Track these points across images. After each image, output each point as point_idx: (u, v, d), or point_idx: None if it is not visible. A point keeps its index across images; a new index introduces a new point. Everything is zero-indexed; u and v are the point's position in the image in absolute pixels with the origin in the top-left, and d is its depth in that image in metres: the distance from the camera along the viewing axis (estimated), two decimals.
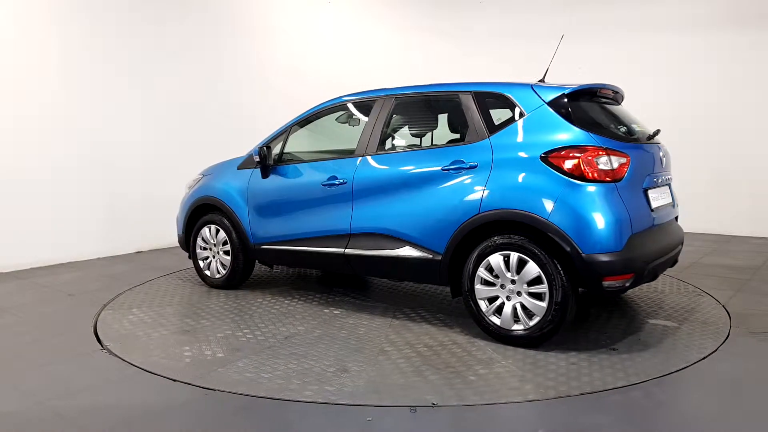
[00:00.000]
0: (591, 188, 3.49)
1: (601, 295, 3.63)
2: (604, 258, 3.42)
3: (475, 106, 3.98)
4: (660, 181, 4.08)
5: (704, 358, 3.51)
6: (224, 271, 5.15)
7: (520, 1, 9.70)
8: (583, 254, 3.42)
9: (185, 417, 2.88)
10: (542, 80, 4.32)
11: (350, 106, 4.80)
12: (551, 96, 3.77)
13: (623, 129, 4.04)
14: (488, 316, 3.76)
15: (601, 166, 3.52)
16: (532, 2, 9.58)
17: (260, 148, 4.77)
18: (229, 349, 3.71)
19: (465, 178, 3.84)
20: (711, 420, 2.82)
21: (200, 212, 5.32)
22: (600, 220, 3.44)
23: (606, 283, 3.47)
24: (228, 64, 7.83)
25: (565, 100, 3.75)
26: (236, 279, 5.14)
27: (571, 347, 3.68)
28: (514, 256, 3.63)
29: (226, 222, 5.06)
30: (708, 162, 8.14)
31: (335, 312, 4.51)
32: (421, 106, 4.58)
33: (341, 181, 4.37)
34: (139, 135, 6.95)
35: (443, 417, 2.83)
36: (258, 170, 4.88)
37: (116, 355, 3.65)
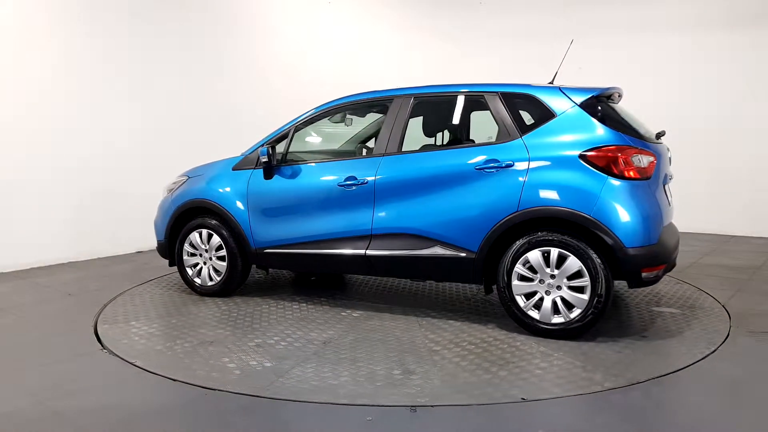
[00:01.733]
0: (628, 185, 3.69)
1: (637, 286, 3.82)
2: (643, 250, 3.65)
3: (503, 107, 4.06)
4: (669, 179, 4.27)
5: (704, 358, 3.51)
6: (218, 278, 4.87)
7: (520, 2, 9.70)
8: (625, 247, 3.62)
9: (185, 417, 2.88)
10: (551, 82, 4.42)
11: (360, 105, 4.73)
12: (581, 98, 3.93)
13: (642, 129, 4.15)
14: (526, 311, 3.86)
15: (635, 165, 3.73)
16: (532, 2, 9.57)
17: (269, 148, 4.52)
18: (273, 358, 3.54)
19: (501, 177, 3.90)
20: (711, 420, 2.82)
21: (186, 216, 5.00)
22: (639, 215, 3.67)
23: (644, 275, 3.69)
24: (228, 64, 7.83)
25: (594, 101, 3.94)
26: (233, 285, 4.89)
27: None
28: (554, 252, 3.75)
29: (220, 226, 4.79)
30: (708, 162, 8.13)
31: (354, 315, 4.44)
32: (443, 105, 4.62)
33: (361, 181, 4.27)
34: (139, 135, 6.94)
35: (443, 417, 2.83)
36: (258, 171, 4.67)
37: (116, 355, 3.65)
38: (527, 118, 4.08)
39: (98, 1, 6.52)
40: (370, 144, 5.29)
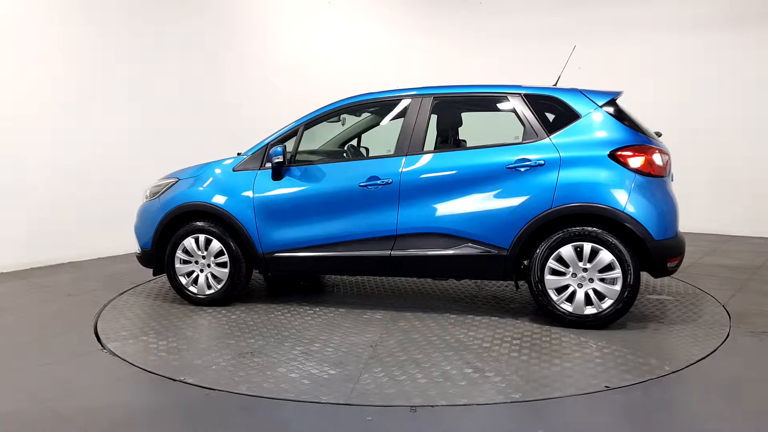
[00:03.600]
0: (653, 182, 3.96)
1: (661, 275, 4.07)
2: (669, 242, 3.95)
3: (528, 108, 4.19)
4: (672, 178, 4.36)
5: (704, 358, 3.51)
6: (219, 285, 4.61)
7: (520, 1, 9.70)
8: (654, 240, 3.87)
9: (185, 417, 2.88)
10: (554, 85, 4.53)
11: (374, 104, 4.70)
12: (602, 101, 4.16)
13: (648, 130, 4.29)
14: (559, 304, 4.01)
15: (657, 162, 4.00)
16: (532, 2, 9.58)
17: (284, 148, 4.36)
18: (332, 365, 3.43)
19: (533, 176, 4.03)
20: (711, 420, 2.81)
21: (177, 222, 4.68)
22: (664, 209, 3.97)
23: (669, 265, 3.98)
24: (228, 64, 7.83)
25: (613, 104, 4.17)
26: (235, 292, 4.63)
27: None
28: (587, 246, 3.93)
29: (221, 230, 4.54)
30: (708, 162, 8.14)
31: (377, 317, 4.37)
32: (464, 105, 4.72)
33: (385, 181, 4.22)
34: (139, 135, 6.94)
35: (443, 417, 2.83)
36: (265, 172, 4.49)
37: (116, 355, 3.64)
38: (550, 118, 4.24)
39: (98, 1, 6.52)
40: (357, 143, 5.26)
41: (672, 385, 3.18)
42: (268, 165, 4.48)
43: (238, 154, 4.80)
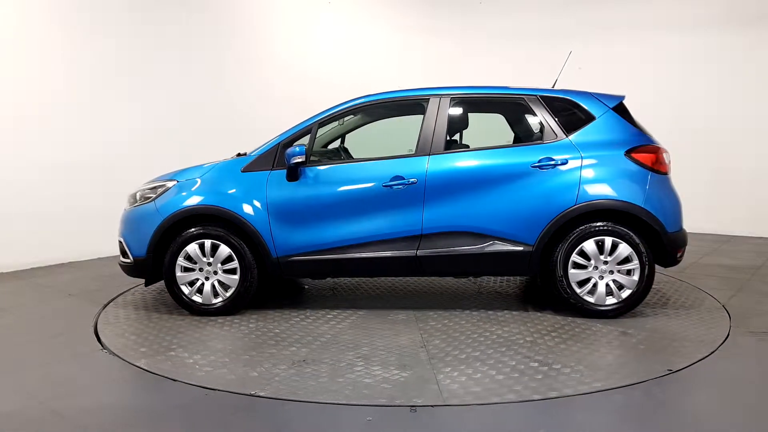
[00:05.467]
0: (662, 179, 4.26)
1: (671, 265, 4.37)
2: (679, 234, 4.27)
3: (546, 110, 4.36)
4: None
5: (704, 358, 3.51)
6: (228, 293, 4.36)
7: (521, 1, 9.70)
8: (668, 232, 4.17)
9: (185, 417, 2.88)
10: (553, 86, 4.67)
11: (390, 103, 4.64)
12: (613, 103, 4.41)
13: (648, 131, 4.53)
14: (582, 296, 4.22)
15: (664, 161, 4.30)
16: (532, 2, 9.57)
17: (306, 147, 4.24)
18: (402, 368, 3.39)
19: (557, 174, 4.20)
20: (711, 420, 2.82)
21: (177, 227, 4.38)
22: (673, 204, 4.27)
23: (678, 255, 4.31)
24: (228, 64, 7.83)
25: (621, 106, 4.43)
26: (245, 300, 4.41)
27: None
28: (608, 240, 4.15)
29: (231, 234, 4.31)
30: (708, 162, 8.13)
31: (401, 317, 4.34)
32: (480, 106, 4.84)
33: (410, 180, 4.22)
34: (139, 135, 6.94)
35: (443, 416, 2.83)
36: (278, 172, 4.32)
37: (116, 355, 3.64)
38: (565, 119, 4.43)
39: (99, 1, 6.52)
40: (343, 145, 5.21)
41: (672, 385, 3.18)
42: (283, 165, 4.32)
43: (238, 154, 4.64)
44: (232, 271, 4.36)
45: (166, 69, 7.15)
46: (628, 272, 4.17)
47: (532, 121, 4.50)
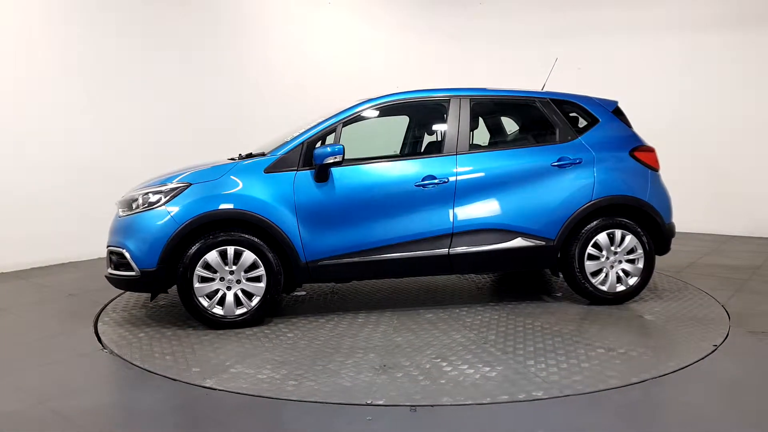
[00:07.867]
0: (657, 176, 4.70)
1: (665, 252, 4.75)
2: (671, 225, 4.73)
3: (558, 112, 4.65)
4: None
5: (704, 358, 3.51)
6: (253, 303, 4.09)
7: (520, 2, 9.69)
8: (666, 223, 4.64)
9: (185, 417, 2.88)
10: (542, 89, 4.93)
11: (410, 103, 4.72)
12: (611, 107, 4.81)
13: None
14: (597, 286, 4.54)
15: (657, 160, 4.72)
16: (531, 2, 9.57)
17: (343, 147, 4.13)
18: (483, 364, 3.41)
19: (575, 172, 4.50)
20: (711, 420, 2.82)
21: (195, 234, 4.05)
22: (667, 198, 4.72)
23: (670, 245, 4.74)
24: (228, 64, 7.83)
25: (618, 110, 4.82)
26: (272, 308, 4.22)
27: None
28: (618, 233, 4.52)
29: (257, 240, 4.06)
30: (708, 162, 8.13)
31: (428, 316, 4.36)
32: (497, 107, 5.07)
33: (441, 180, 4.29)
34: (139, 135, 6.94)
35: (443, 416, 2.83)
36: (304, 173, 4.17)
37: (116, 355, 3.65)
38: (572, 121, 4.74)
39: (98, 1, 6.52)
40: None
41: (672, 385, 3.18)
42: (310, 165, 4.18)
43: (240, 155, 4.46)
44: (257, 279, 4.11)
45: (166, 69, 7.15)
46: (633, 261, 4.54)
47: (546, 122, 4.69)
